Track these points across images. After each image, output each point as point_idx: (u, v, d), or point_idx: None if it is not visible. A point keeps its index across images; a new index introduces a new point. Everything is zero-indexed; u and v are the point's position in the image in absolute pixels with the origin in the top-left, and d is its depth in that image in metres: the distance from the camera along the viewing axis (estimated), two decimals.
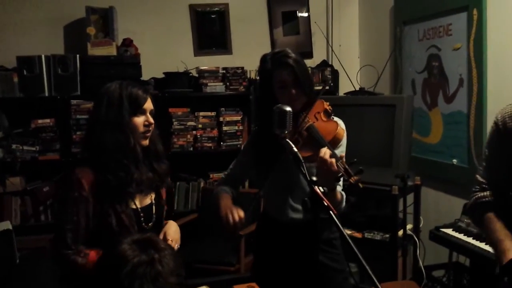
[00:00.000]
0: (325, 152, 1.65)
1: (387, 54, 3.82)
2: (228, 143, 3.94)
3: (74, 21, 3.81)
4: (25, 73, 3.48)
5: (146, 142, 1.78)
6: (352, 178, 1.57)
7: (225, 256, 3.33)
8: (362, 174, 1.57)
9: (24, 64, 3.48)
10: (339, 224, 1.33)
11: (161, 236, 1.83)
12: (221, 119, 3.95)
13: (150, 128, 1.78)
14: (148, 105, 1.77)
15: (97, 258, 1.60)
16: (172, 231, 1.87)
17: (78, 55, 3.58)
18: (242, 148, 2.16)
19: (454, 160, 3.15)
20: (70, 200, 1.65)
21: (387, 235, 3.11)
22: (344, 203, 1.88)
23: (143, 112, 1.75)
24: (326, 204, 1.35)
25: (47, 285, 2.74)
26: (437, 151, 3.33)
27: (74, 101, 3.56)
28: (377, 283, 1.18)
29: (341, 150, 1.88)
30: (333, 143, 1.79)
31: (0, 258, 2.89)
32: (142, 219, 1.76)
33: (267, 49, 2.58)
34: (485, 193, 1.72)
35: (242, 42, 4.18)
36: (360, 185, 1.57)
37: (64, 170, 3.52)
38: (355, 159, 1.63)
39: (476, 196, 1.74)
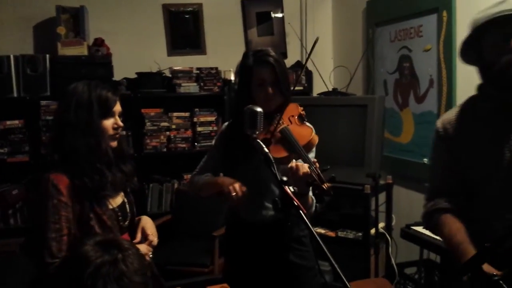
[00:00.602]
0: (295, 162, 1.66)
1: (359, 55, 3.86)
2: (202, 144, 3.92)
3: (44, 21, 3.74)
4: None
5: (114, 144, 1.76)
6: (325, 184, 1.58)
7: (198, 257, 3.31)
8: (334, 182, 1.59)
9: None
10: (309, 224, 1.33)
11: (139, 232, 1.82)
12: (195, 119, 3.93)
13: (119, 131, 1.76)
14: (117, 107, 1.75)
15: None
16: (150, 225, 1.87)
17: (48, 55, 3.51)
18: (213, 141, 2.16)
19: (425, 159, 3.20)
20: (50, 207, 1.62)
21: (360, 234, 3.15)
22: (314, 207, 1.88)
23: (112, 114, 1.73)
24: (296, 203, 1.36)
25: None
26: (408, 151, 3.39)
27: (43, 102, 3.49)
28: (345, 280, 1.19)
29: (311, 156, 1.89)
30: (307, 148, 1.80)
31: None
32: (120, 218, 1.76)
33: (241, 49, 2.57)
34: (434, 201, 1.73)
35: (216, 42, 4.17)
36: (331, 192, 1.58)
37: (33, 172, 3.45)
38: (329, 166, 1.64)
39: (429, 205, 1.75)
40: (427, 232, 2.62)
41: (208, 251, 3.33)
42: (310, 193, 1.85)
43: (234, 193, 1.77)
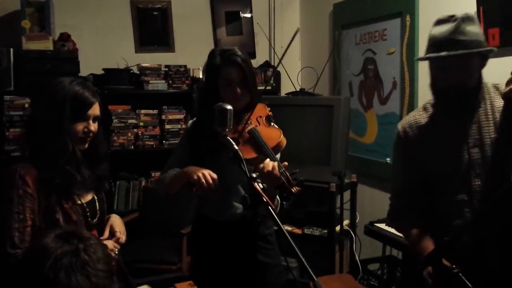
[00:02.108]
0: (268, 160, 1.68)
1: (326, 56, 3.93)
2: (170, 142, 3.90)
3: (8, 14, 3.64)
4: None
5: (84, 146, 1.73)
6: (294, 188, 1.62)
7: (166, 255, 3.31)
8: (302, 185, 1.63)
9: None
10: (278, 220, 1.37)
11: (107, 229, 1.81)
12: (163, 117, 3.91)
13: (90, 135, 1.72)
14: (93, 111, 1.70)
15: None
16: (118, 223, 1.85)
17: (12, 49, 3.40)
18: (178, 141, 2.15)
19: (388, 159, 3.30)
20: (15, 198, 1.60)
21: (326, 231, 3.21)
22: (278, 208, 1.90)
23: (85, 118, 1.68)
24: (265, 200, 1.39)
25: None
26: (372, 150, 3.48)
27: (7, 97, 3.38)
28: (313, 275, 1.23)
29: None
30: (275, 150, 1.81)
31: None
32: (88, 214, 1.75)
33: (210, 48, 2.57)
34: (397, 201, 1.84)
35: (185, 40, 4.16)
36: (300, 195, 1.62)
37: None
38: (297, 170, 1.68)
39: (392, 204, 1.88)
40: (389, 229, 2.71)
41: (176, 248, 3.33)
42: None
43: (204, 180, 1.72)
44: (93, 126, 1.71)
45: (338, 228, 3.16)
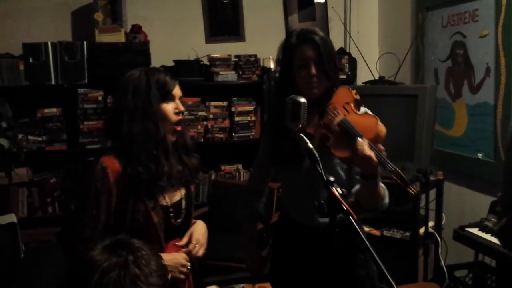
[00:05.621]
0: (363, 142, 1.49)
1: (408, 41, 3.66)
2: (240, 134, 3.83)
3: (82, 7, 3.70)
4: (31, 60, 3.37)
5: (174, 136, 1.68)
6: (410, 188, 1.44)
7: (236, 253, 3.21)
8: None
9: (30, 51, 3.37)
10: (359, 229, 1.19)
11: (186, 238, 1.72)
12: (233, 109, 3.84)
13: (181, 116, 1.68)
14: (177, 91, 1.68)
15: None
16: (199, 233, 1.75)
17: (85, 42, 3.46)
18: (260, 144, 1.99)
19: (479, 154, 3.00)
20: (92, 192, 1.57)
21: (408, 233, 2.98)
22: (387, 199, 1.66)
23: (172, 98, 1.66)
24: (345, 207, 1.21)
25: (52, 279, 2.66)
26: (461, 145, 3.19)
27: (81, 90, 3.46)
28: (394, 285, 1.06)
29: None
30: (374, 142, 1.56)
31: (4, 252, 2.81)
32: (172, 215, 1.68)
33: (281, 36, 2.41)
34: (510, 215, 1.52)
35: (256, 29, 4.04)
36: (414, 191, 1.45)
37: (71, 161, 3.44)
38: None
39: (504, 220, 1.55)
40: (483, 235, 2.46)
41: None
42: (382, 184, 1.63)
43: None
44: (182, 106, 1.69)
45: (422, 230, 2.89)
